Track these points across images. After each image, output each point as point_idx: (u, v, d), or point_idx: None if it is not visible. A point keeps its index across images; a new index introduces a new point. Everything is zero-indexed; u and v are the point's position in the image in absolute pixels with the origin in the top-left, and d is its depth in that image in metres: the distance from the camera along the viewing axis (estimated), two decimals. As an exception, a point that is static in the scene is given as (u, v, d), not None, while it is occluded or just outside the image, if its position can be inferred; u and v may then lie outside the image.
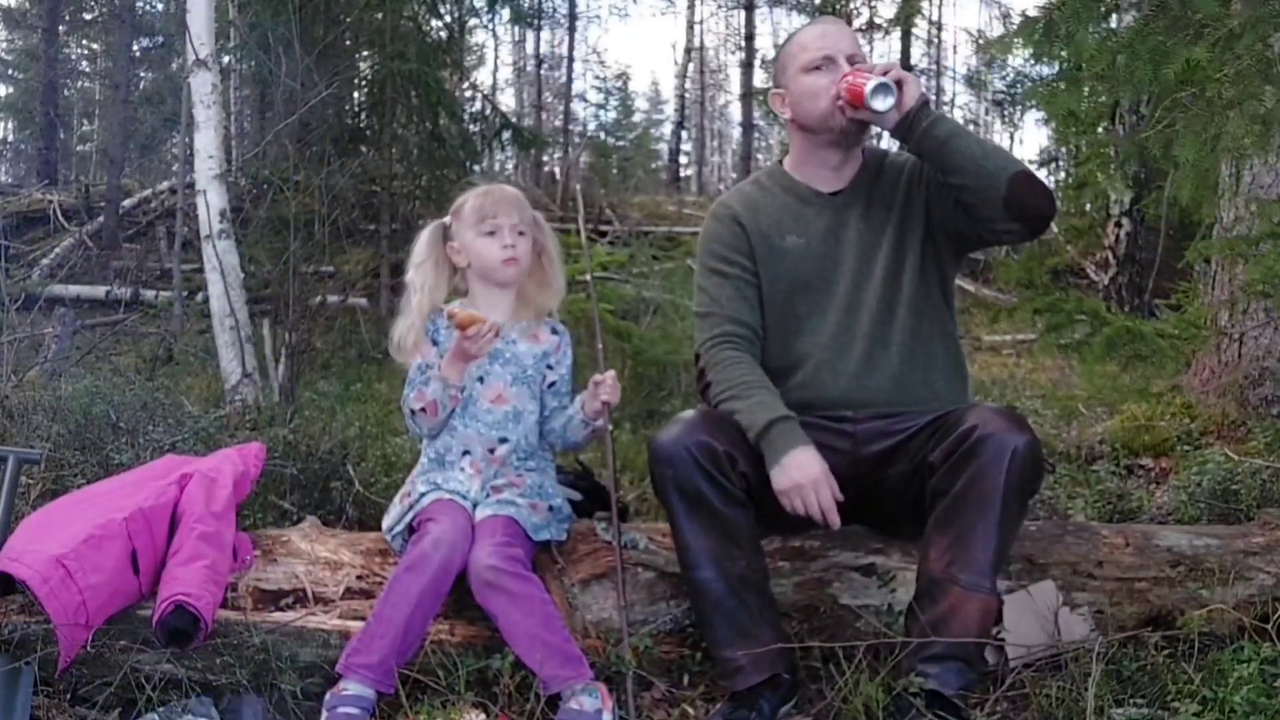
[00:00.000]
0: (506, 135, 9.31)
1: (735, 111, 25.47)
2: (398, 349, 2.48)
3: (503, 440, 2.44)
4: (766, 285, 2.39)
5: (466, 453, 2.44)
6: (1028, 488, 2.15)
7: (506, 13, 10.53)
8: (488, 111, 9.55)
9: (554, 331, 2.53)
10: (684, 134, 24.74)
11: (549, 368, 2.50)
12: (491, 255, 2.43)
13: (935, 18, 19.19)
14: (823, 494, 2.16)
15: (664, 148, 24.92)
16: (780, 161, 2.53)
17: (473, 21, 10.70)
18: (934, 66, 19.42)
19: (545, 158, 16.67)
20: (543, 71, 23.65)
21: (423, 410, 2.38)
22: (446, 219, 2.51)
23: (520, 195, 2.52)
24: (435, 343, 2.45)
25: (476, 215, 2.44)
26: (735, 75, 24.27)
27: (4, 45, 21.03)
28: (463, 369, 2.36)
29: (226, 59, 8.45)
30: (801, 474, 2.15)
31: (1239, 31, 2.42)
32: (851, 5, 12.93)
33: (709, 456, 2.15)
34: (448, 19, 9.20)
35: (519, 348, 2.48)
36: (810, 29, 2.41)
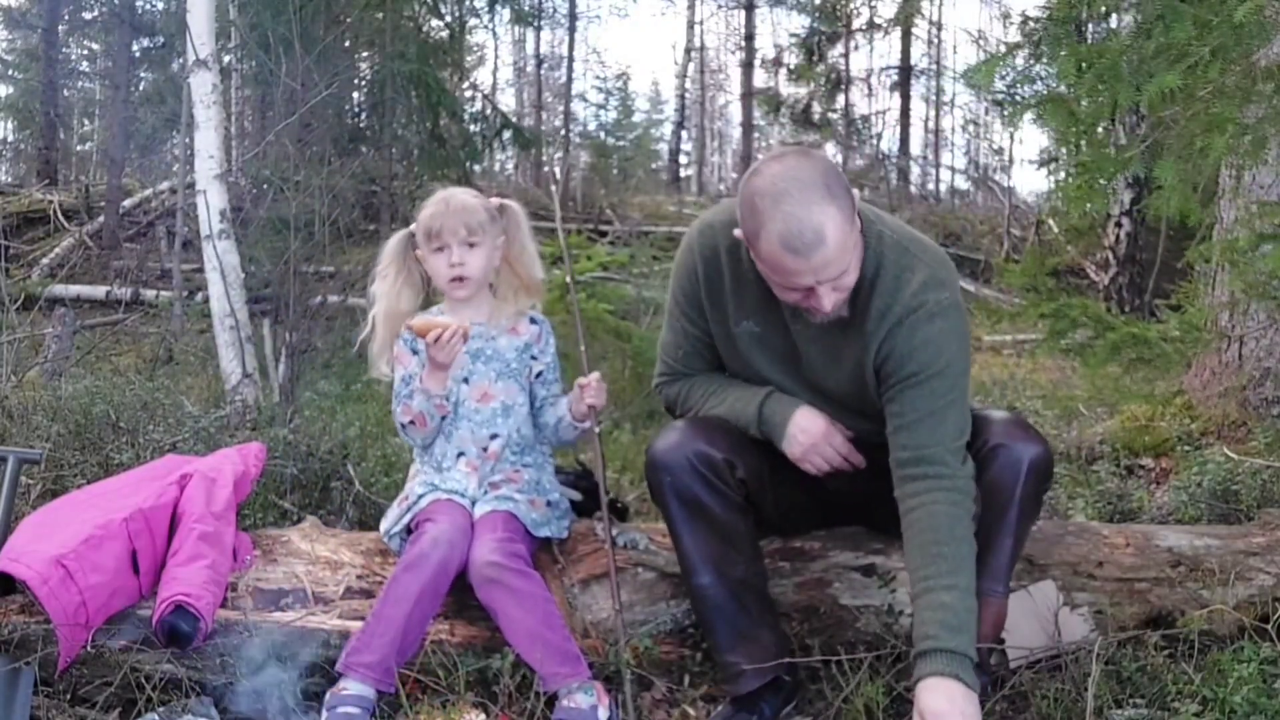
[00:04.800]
0: (507, 135, 9.32)
1: (735, 111, 25.47)
2: (371, 364, 2.48)
3: (494, 436, 2.43)
4: (724, 359, 2.28)
5: (461, 454, 2.43)
6: (1042, 491, 2.17)
7: (506, 13, 10.54)
8: (488, 111, 9.56)
9: (533, 321, 2.51)
10: (684, 134, 24.74)
11: (533, 358, 2.49)
12: (440, 274, 2.41)
13: (935, 17, 19.19)
14: (836, 442, 2.17)
15: (664, 148, 24.92)
16: None
17: (473, 21, 10.72)
18: (934, 66, 19.41)
19: (545, 157, 16.67)
20: (543, 71, 23.65)
21: (412, 423, 2.38)
22: (413, 227, 2.49)
23: (469, 202, 2.43)
24: (415, 352, 2.43)
25: (425, 233, 2.41)
26: (735, 75, 24.28)
27: (4, 45, 21.01)
28: (442, 378, 2.34)
29: (226, 59, 8.46)
30: (809, 435, 2.15)
31: (1208, 58, 2.43)
32: (851, 5, 12.93)
33: (707, 464, 2.15)
34: (448, 19, 9.21)
35: (499, 343, 2.46)
36: (785, 256, 1.91)
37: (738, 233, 2.02)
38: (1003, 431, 2.11)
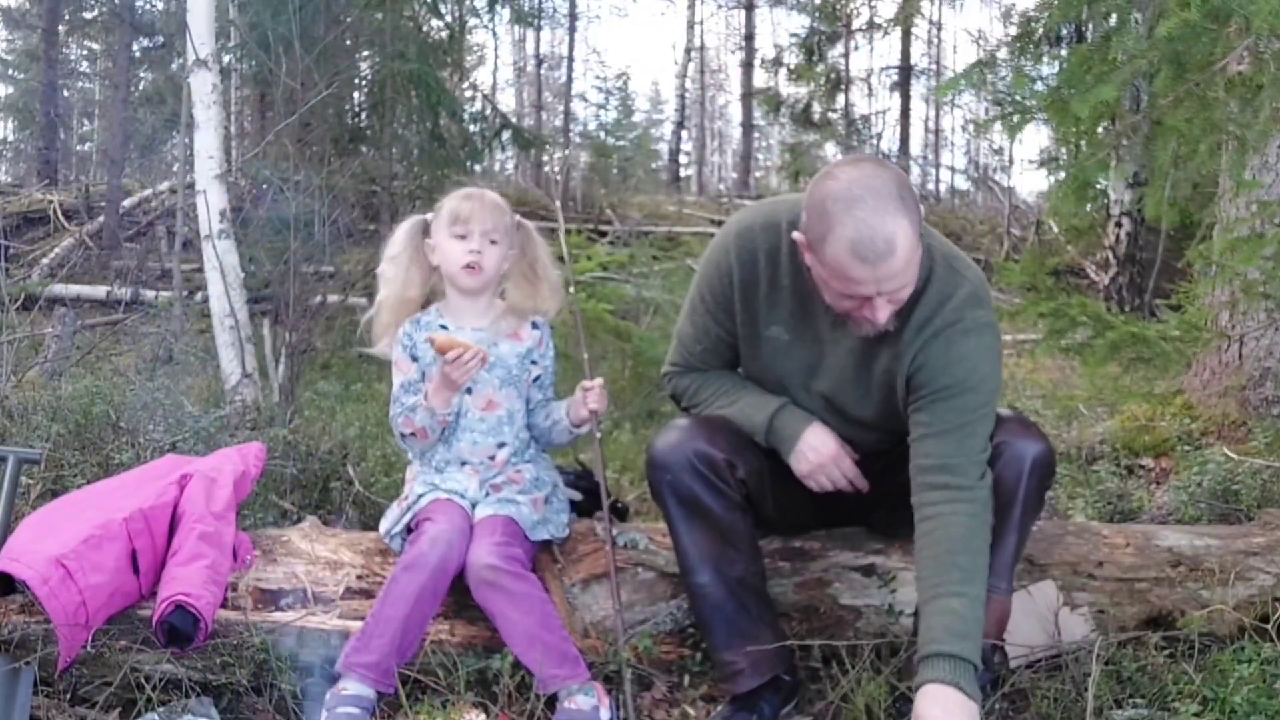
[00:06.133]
0: (506, 135, 9.33)
1: (735, 111, 25.54)
2: (369, 340, 2.47)
3: (500, 445, 2.43)
4: (743, 360, 2.29)
5: (465, 463, 2.43)
6: (1044, 487, 2.17)
7: (506, 13, 10.54)
8: (488, 111, 9.57)
9: (534, 326, 2.50)
10: (684, 134, 24.75)
11: (533, 363, 2.48)
12: (455, 258, 2.39)
13: (935, 17, 19.21)
14: (844, 465, 2.19)
15: (664, 148, 24.94)
16: None
17: (473, 21, 10.72)
18: (934, 66, 19.42)
19: (545, 158, 16.69)
20: (543, 71, 23.67)
21: (412, 435, 2.37)
22: (428, 215, 2.48)
23: (501, 203, 2.44)
24: (414, 358, 2.42)
25: (451, 217, 2.40)
26: (735, 75, 24.31)
27: (4, 45, 21.03)
28: (448, 397, 2.32)
29: (226, 59, 8.45)
30: (818, 455, 2.17)
31: (1154, 70, 2.46)
32: (851, 5, 12.92)
33: (707, 464, 2.15)
34: (448, 19, 9.21)
35: (501, 349, 2.44)
36: (853, 263, 1.88)
37: (797, 236, 2.00)
38: (1005, 429, 2.11)
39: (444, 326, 2.42)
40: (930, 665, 1.86)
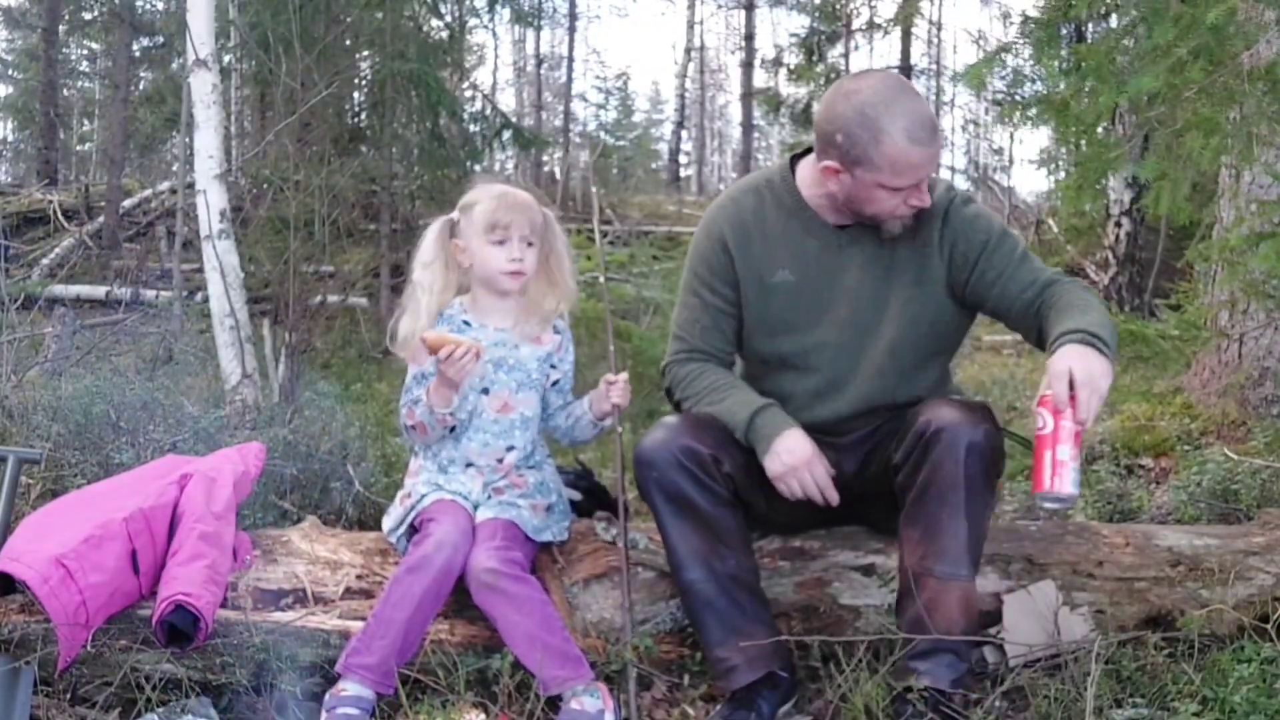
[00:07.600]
0: (507, 135, 9.33)
1: (735, 111, 25.55)
2: (400, 345, 2.42)
3: (510, 449, 2.42)
4: (750, 320, 2.32)
5: (470, 464, 2.42)
6: (990, 472, 2.13)
7: (506, 13, 10.55)
8: (488, 111, 9.57)
9: (555, 330, 2.49)
10: (684, 134, 24.80)
11: (552, 367, 2.48)
12: (497, 265, 2.36)
13: (935, 17, 19.20)
14: (816, 472, 2.18)
15: (664, 148, 25.01)
16: (792, 166, 2.32)
17: (473, 21, 10.72)
18: (934, 66, 19.42)
19: (545, 157, 16.69)
20: (543, 71, 23.68)
21: (413, 428, 2.37)
22: (454, 215, 2.44)
23: (532, 201, 2.42)
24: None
25: (487, 222, 2.35)
26: (735, 75, 24.34)
27: (4, 45, 21.04)
28: (448, 395, 2.30)
29: (226, 59, 8.45)
30: (792, 457, 2.17)
31: (1189, 59, 2.45)
32: (851, 5, 12.93)
33: (693, 459, 2.15)
34: (448, 19, 9.22)
35: (521, 352, 2.44)
36: (913, 149, 2.06)
37: (829, 163, 2.13)
38: (943, 415, 2.08)
39: (467, 323, 2.42)
40: (1063, 339, 1.96)
